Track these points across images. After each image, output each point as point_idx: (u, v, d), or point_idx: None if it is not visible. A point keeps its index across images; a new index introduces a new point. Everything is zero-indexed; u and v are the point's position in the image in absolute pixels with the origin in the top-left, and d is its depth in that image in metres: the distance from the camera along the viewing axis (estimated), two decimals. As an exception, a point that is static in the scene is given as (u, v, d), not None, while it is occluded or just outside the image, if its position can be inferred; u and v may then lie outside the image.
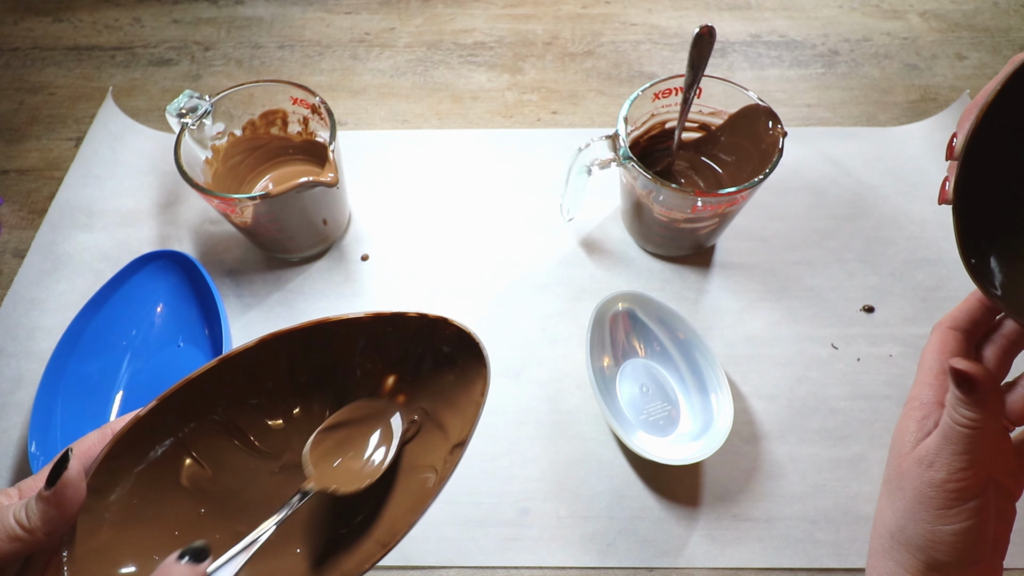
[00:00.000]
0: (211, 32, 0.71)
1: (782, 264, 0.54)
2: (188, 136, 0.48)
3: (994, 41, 0.69)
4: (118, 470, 0.27)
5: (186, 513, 0.29)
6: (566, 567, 0.42)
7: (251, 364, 0.30)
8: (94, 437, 0.27)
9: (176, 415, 0.28)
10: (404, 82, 0.67)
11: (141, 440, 0.27)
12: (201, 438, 0.30)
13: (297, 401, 0.32)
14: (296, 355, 0.31)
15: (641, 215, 0.51)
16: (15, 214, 0.58)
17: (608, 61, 0.68)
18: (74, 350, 0.47)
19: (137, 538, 0.27)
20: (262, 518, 0.29)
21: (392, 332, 0.31)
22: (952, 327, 0.30)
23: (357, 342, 0.32)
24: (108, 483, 0.27)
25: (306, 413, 0.33)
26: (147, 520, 0.28)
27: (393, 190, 0.58)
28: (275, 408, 0.32)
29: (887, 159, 0.60)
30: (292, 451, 0.32)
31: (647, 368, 0.48)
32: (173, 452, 0.29)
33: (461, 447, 0.30)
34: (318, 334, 0.30)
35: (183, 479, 0.29)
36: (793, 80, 0.66)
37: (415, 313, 0.31)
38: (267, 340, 0.29)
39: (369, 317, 0.31)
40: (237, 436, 0.31)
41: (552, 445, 0.46)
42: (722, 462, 0.45)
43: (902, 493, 0.29)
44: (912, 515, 0.28)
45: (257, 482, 0.31)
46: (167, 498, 0.29)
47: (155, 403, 0.27)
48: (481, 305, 0.52)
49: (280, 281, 0.53)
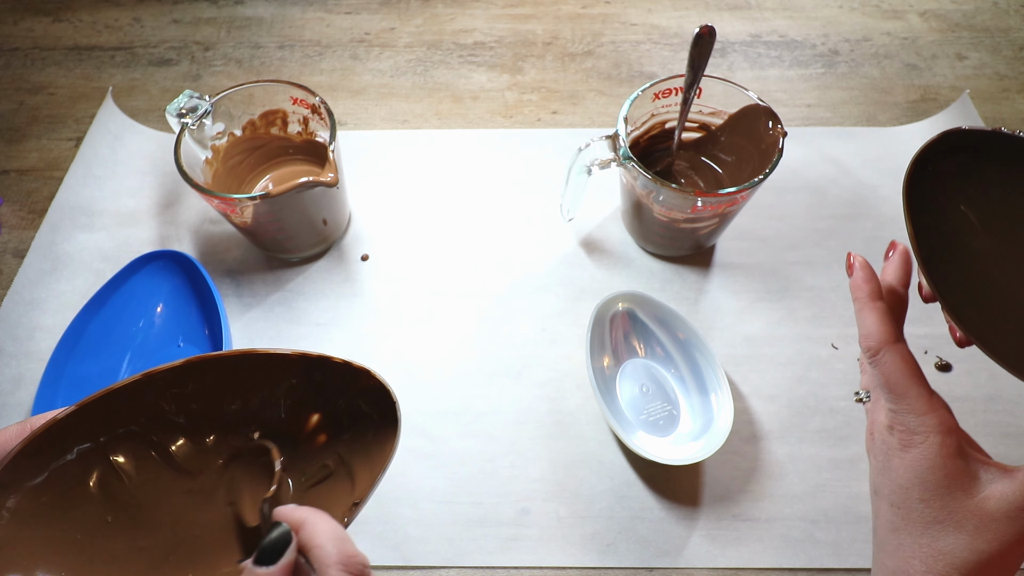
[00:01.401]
0: (211, 32, 0.71)
1: (782, 264, 0.54)
2: (188, 136, 0.48)
3: (994, 41, 0.69)
4: (30, 467, 0.27)
5: (92, 519, 0.29)
6: (566, 567, 0.42)
7: (176, 382, 0.30)
8: (13, 431, 0.27)
9: (98, 421, 0.29)
10: (404, 82, 0.67)
11: (58, 441, 0.27)
12: (120, 446, 0.30)
13: (218, 427, 0.32)
14: (222, 381, 0.31)
15: (641, 215, 0.51)
16: (15, 214, 0.58)
17: (608, 61, 0.68)
18: (74, 350, 0.47)
19: (36, 537, 0.27)
20: (166, 535, 0.29)
21: (317, 374, 0.32)
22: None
23: (284, 378, 0.32)
24: (16, 479, 0.27)
25: (225, 439, 0.33)
26: (50, 520, 0.28)
27: (393, 190, 0.58)
28: (197, 429, 0.32)
29: (887, 159, 0.60)
30: (210, 472, 0.32)
31: (647, 368, 0.48)
32: (88, 457, 0.29)
33: (358, 506, 0.30)
34: (244, 364, 0.31)
35: (94, 485, 0.29)
36: (793, 80, 0.66)
37: (340, 360, 0.31)
38: (193, 362, 0.30)
39: (296, 355, 0.31)
40: (156, 449, 0.31)
41: (552, 445, 0.46)
42: (722, 462, 0.45)
43: (873, 462, 0.32)
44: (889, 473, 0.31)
45: (169, 499, 0.31)
46: (75, 501, 0.28)
47: (75, 407, 0.27)
48: (481, 305, 0.52)
49: (280, 281, 0.53)
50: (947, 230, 0.31)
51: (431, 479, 0.45)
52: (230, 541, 0.31)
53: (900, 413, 0.30)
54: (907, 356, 0.30)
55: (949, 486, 0.29)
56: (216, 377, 0.31)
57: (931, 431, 0.29)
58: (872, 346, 0.31)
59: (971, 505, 0.28)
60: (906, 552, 0.30)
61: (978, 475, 0.29)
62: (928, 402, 0.29)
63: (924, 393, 0.30)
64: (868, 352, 0.31)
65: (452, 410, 0.48)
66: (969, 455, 0.29)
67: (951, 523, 0.28)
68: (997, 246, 0.31)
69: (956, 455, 0.29)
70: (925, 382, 0.30)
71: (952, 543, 0.28)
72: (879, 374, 0.31)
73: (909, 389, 0.30)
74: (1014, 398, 0.47)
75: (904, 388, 0.30)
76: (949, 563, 0.28)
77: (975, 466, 0.29)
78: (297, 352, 0.31)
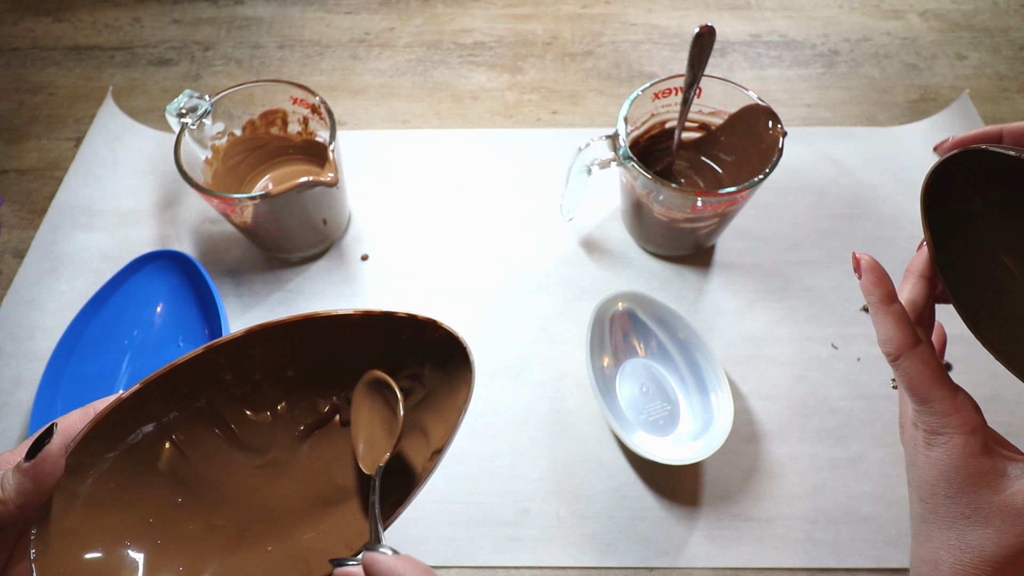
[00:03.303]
0: (211, 32, 0.71)
1: (782, 264, 0.54)
2: (188, 136, 0.48)
3: (994, 41, 0.69)
4: (97, 451, 0.27)
5: (162, 501, 0.29)
6: (566, 567, 0.42)
7: (238, 354, 0.29)
8: (77, 415, 0.27)
9: (160, 400, 0.28)
10: (404, 82, 0.67)
11: (123, 423, 0.27)
12: (184, 425, 0.29)
13: (283, 395, 0.32)
14: (285, 348, 0.31)
15: (641, 215, 0.51)
16: (15, 214, 0.58)
17: (608, 61, 0.68)
18: (74, 350, 0.47)
19: (110, 522, 0.27)
20: (239, 512, 0.29)
21: (381, 331, 0.31)
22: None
23: (346, 338, 0.31)
24: (86, 463, 0.26)
25: (293, 408, 0.32)
26: (122, 504, 0.27)
27: (393, 190, 0.58)
28: (261, 401, 0.31)
29: (887, 159, 0.60)
30: (278, 447, 0.31)
31: (647, 368, 0.48)
32: (154, 437, 0.28)
33: (439, 453, 0.29)
34: (308, 328, 0.30)
35: (162, 466, 0.29)
36: (793, 80, 0.66)
37: (405, 314, 0.30)
38: (255, 331, 0.29)
39: (359, 315, 0.30)
40: (220, 427, 0.31)
41: (552, 445, 0.46)
42: (722, 462, 0.45)
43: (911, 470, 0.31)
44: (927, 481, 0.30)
45: (238, 476, 0.31)
46: (144, 484, 0.28)
47: (139, 386, 0.27)
48: (481, 305, 0.52)
49: (280, 281, 0.53)
50: (964, 243, 0.31)
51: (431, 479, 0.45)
52: (308, 510, 0.31)
53: (924, 414, 0.30)
54: (928, 359, 0.30)
55: (975, 484, 0.29)
56: (280, 344, 0.30)
57: (955, 432, 0.29)
58: (891, 352, 0.30)
59: (998, 501, 0.28)
60: (935, 544, 0.30)
61: (1006, 471, 0.29)
62: (952, 403, 0.29)
63: (947, 395, 0.29)
64: (888, 357, 0.31)
65: (452, 410, 0.48)
66: (996, 452, 0.29)
67: (978, 519, 0.29)
68: (1013, 260, 0.30)
69: (981, 454, 0.29)
70: (948, 382, 0.30)
71: (980, 538, 0.28)
72: (901, 378, 0.30)
73: (932, 393, 0.29)
74: (1014, 398, 0.47)
75: (927, 392, 0.29)
76: (978, 556, 0.28)
77: (1002, 463, 0.29)
78: (360, 311, 0.30)
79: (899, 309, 0.31)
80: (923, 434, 0.30)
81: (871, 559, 0.42)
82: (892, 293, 0.31)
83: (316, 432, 0.33)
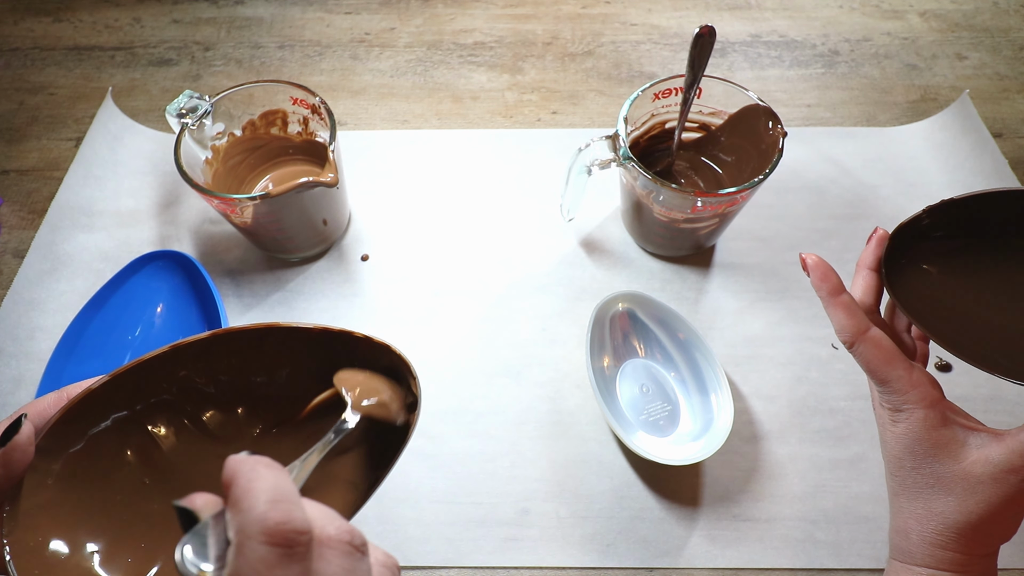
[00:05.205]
0: (211, 32, 0.71)
1: (782, 264, 0.54)
2: (188, 136, 0.48)
3: (994, 41, 0.69)
4: (69, 434, 0.28)
5: (130, 482, 0.30)
6: (566, 567, 0.42)
7: (203, 355, 0.31)
8: (50, 399, 0.28)
9: (130, 391, 0.30)
10: (404, 82, 0.67)
11: (93, 409, 0.29)
12: (153, 415, 0.31)
13: (247, 399, 0.33)
14: (248, 354, 0.32)
15: (641, 215, 0.51)
16: (15, 214, 0.58)
17: (608, 61, 0.68)
18: (74, 351, 0.47)
19: (80, 499, 0.28)
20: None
21: (339, 348, 0.33)
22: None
23: (307, 351, 0.33)
24: (58, 445, 0.28)
25: (258, 407, 0.33)
26: (91, 483, 0.29)
27: (393, 190, 0.58)
28: (228, 401, 0.33)
29: (887, 159, 0.60)
30: (243, 439, 0.33)
31: (647, 368, 0.48)
32: (124, 424, 0.30)
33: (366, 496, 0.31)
34: (269, 337, 0.32)
35: (131, 451, 0.31)
36: (793, 80, 0.66)
37: (361, 335, 0.32)
38: (219, 335, 0.31)
39: (318, 330, 0.32)
40: (189, 417, 0.32)
41: (552, 445, 0.46)
42: (722, 462, 0.45)
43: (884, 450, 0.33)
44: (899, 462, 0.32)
45: (204, 462, 0.32)
46: (113, 465, 0.30)
47: (108, 377, 0.28)
48: (481, 305, 0.52)
49: (280, 281, 0.53)
50: (920, 284, 0.34)
51: (431, 479, 0.45)
52: None
53: (885, 393, 0.32)
54: (880, 342, 0.31)
55: (936, 454, 0.30)
56: (241, 350, 0.32)
57: (915, 406, 0.31)
58: (846, 340, 0.32)
59: (958, 470, 0.30)
60: (905, 514, 0.32)
61: (966, 441, 0.30)
62: (908, 380, 0.31)
63: (903, 374, 0.31)
64: (845, 345, 0.32)
65: (452, 410, 0.48)
66: (955, 423, 0.31)
67: (941, 487, 0.30)
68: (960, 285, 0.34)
69: (940, 426, 0.30)
70: (904, 362, 0.31)
71: (943, 505, 0.30)
72: (860, 363, 0.32)
73: (888, 373, 0.31)
74: (1014, 398, 0.47)
75: (884, 373, 0.31)
76: (941, 523, 0.30)
77: (962, 433, 0.31)
78: (319, 327, 0.31)
79: (847, 300, 0.32)
80: (888, 412, 0.32)
81: (871, 559, 0.42)
82: (839, 286, 0.33)
83: (283, 426, 0.34)
